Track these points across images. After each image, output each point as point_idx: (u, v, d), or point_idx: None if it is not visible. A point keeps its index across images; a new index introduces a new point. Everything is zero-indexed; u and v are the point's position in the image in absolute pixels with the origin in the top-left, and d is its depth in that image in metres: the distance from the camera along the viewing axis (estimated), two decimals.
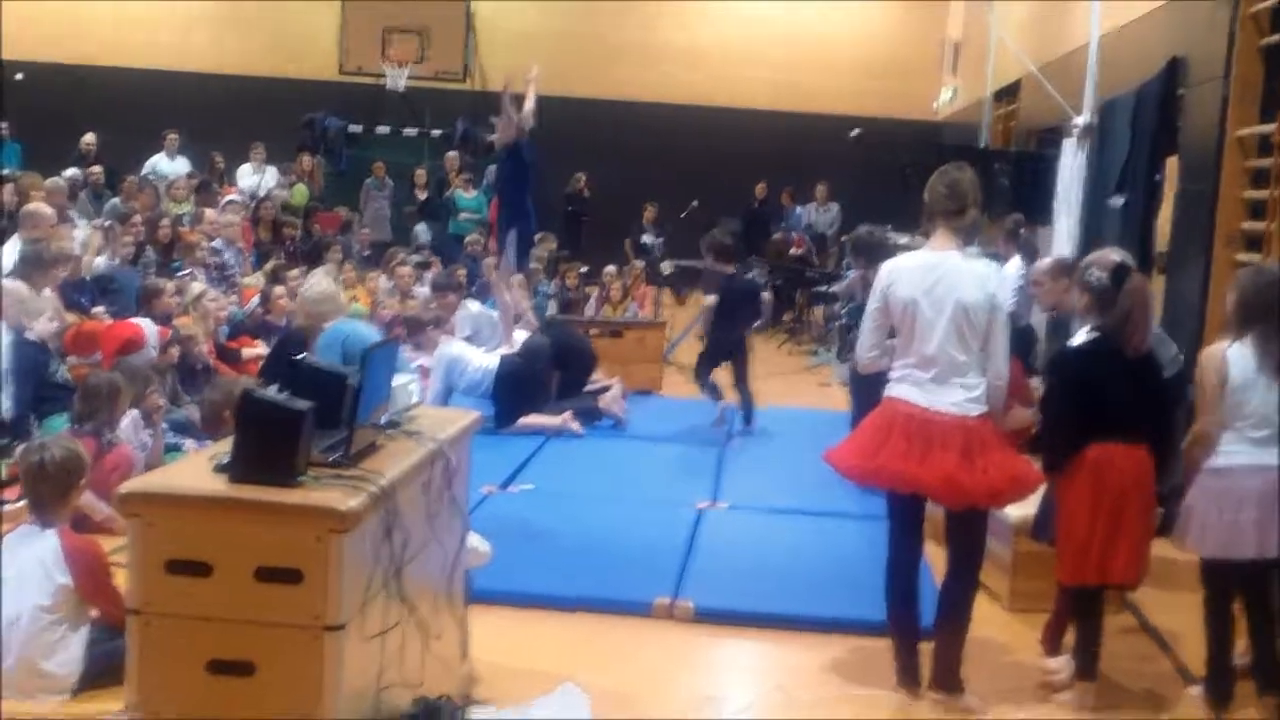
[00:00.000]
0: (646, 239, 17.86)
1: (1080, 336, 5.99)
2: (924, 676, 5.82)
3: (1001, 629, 6.73)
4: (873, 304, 5.82)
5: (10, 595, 5.40)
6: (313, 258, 15.09)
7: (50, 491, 5.56)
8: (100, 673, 5.46)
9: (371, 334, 8.35)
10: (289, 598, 3.91)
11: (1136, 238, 9.75)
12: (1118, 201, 10.34)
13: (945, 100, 21.40)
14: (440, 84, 22.23)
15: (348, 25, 22.27)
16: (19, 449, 8.02)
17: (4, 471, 7.93)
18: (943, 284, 5.63)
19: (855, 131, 22.07)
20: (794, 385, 14.45)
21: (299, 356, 8.86)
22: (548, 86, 21.15)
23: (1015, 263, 10.60)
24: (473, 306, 11.26)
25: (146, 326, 9.40)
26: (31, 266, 9.40)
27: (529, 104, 10.78)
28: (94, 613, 5.53)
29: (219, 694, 3.95)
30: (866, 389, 7.72)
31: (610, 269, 15.86)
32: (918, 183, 16.73)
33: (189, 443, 8.79)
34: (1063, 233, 11.91)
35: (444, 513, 4.85)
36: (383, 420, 4.71)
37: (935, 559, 6.80)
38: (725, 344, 11.15)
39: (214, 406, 7.73)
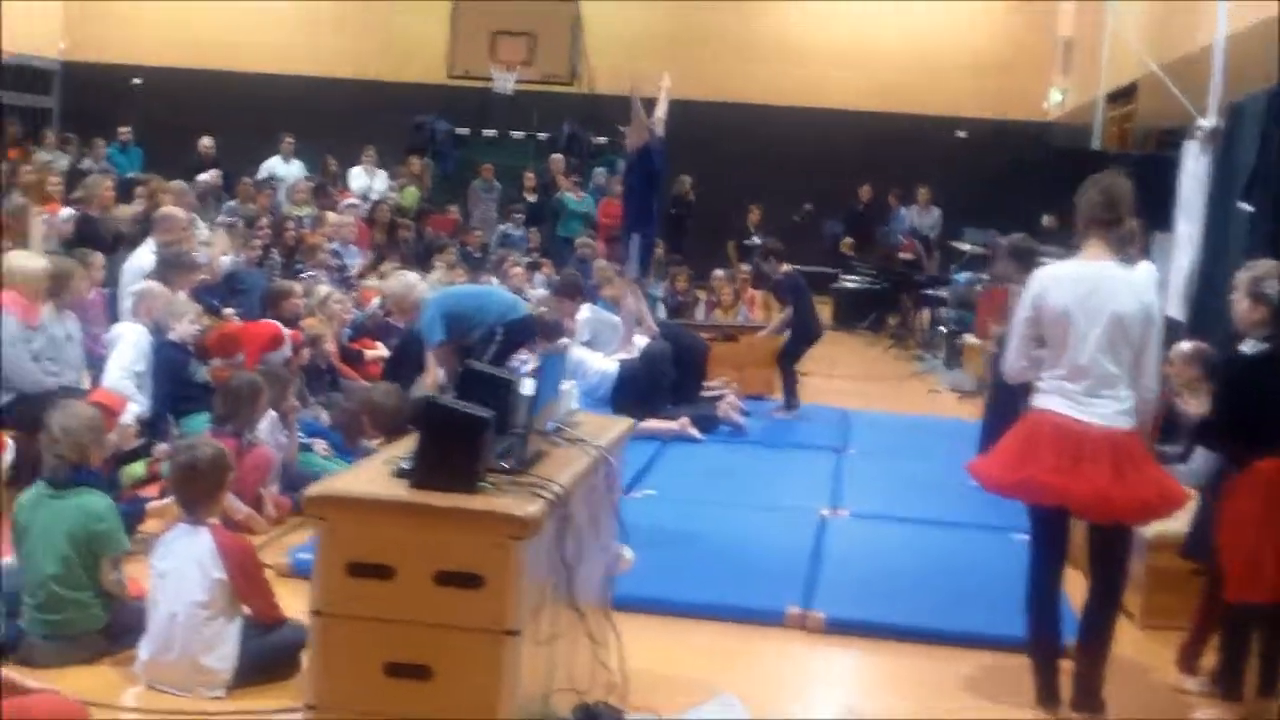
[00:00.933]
0: (754, 241, 17.85)
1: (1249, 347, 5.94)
2: (1063, 696, 5.76)
3: (1135, 646, 6.67)
4: (1023, 313, 5.80)
5: (169, 591, 5.56)
6: (426, 259, 15.28)
7: (200, 490, 5.73)
8: (253, 668, 5.63)
9: (467, 291, 8.48)
10: (469, 602, 4.00)
11: (1266, 246, 9.60)
12: (1246, 208, 10.20)
13: (1055, 101, 21.19)
14: (547, 87, 22.34)
15: (457, 28, 22.42)
16: (158, 448, 8.23)
17: (144, 470, 8.11)
18: (1098, 294, 5.59)
19: (961, 133, 21.96)
20: (901, 391, 14.42)
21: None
22: (651, 88, 21.43)
23: (1145, 268, 10.50)
24: (590, 312, 11.33)
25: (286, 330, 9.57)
26: (171, 269, 9.60)
27: (660, 110, 10.84)
28: (245, 609, 5.70)
29: (396, 696, 4.05)
30: (1006, 399, 7.70)
31: (719, 273, 15.90)
32: (1032, 189, 16.72)
33: (320, 443, 8.94)
34: (1184, 238, 11.77)
35: (604, 519, 4.92)
36: (548, 426, 4.79)
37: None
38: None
39: (352, 414, 7.84)
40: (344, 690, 4.08)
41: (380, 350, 11.56)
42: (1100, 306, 5.58)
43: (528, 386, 4.74)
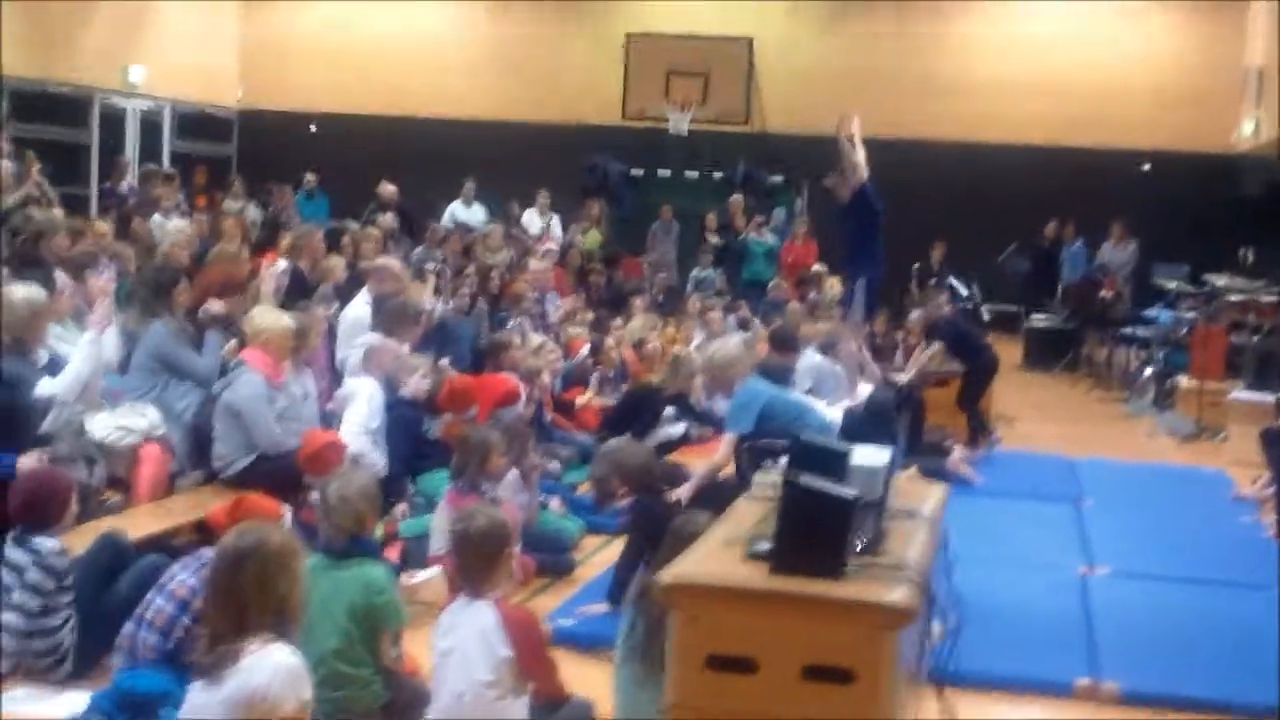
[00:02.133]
0: (954, 282, 17.44)
1: None
2: None
3: None
4: None
5: (454, 670, 5.36)
6: (616, 305, 15.12)
7: (477, 561, 5.51)
8: None
9: (793, 399, 8.26)
10: (839, 698, 3.75)
11: None
12: None
13: (1248, 133, 20.50)
14: (721, 126, 22.17)
15: (630, 68, 22.36)
16: (396, 508, 8.11)
17: (382, 531, 7.97)
18: None
19: (1145, 166, 21.36)
20: (1114, 435, 13.90)
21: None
22: (824, 124, 21.14)
23: None
24: (815, 357, 11.04)
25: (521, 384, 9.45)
26: (395, 321, 9.51)
27: (860, 152, 10.58)
28: (531, 687, 5.48)
29: None
30: None
31: (915, 314, 15.51)
32: (1228, 223, 16.17)
33: (554, 500, 8.77)
34: None
35: (940, 594, 4.64)
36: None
37: None
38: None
39: (602, 481, 7.63)
40: None
41: (588, 397, 11.41)
42: None
43: (875, 458, 4.49)
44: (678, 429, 10.59)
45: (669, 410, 10.80)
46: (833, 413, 10.41)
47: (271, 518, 5.95)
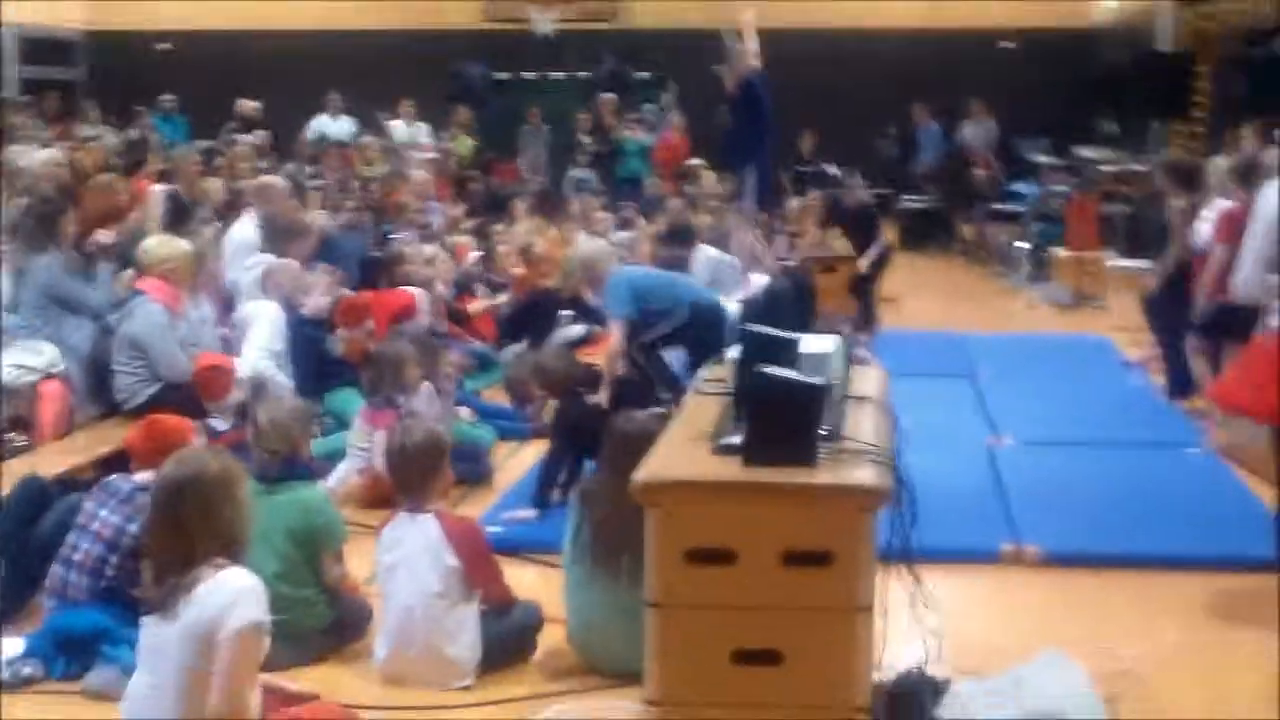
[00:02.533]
0: (830, 170, 17.50)
1: None
2: None
3: None
4: (1259, 227, 5.57)
5: (402, 584, 5.36)
6: (495, 210, 15.00)
7: (415, 474, 5.52)
8: (495, 654, 5.43)
9: (658, 273, 8.29)
10: (819, 581, 3.78)
11: None
12: None
13: (1108, 6, 20.76)
14: (585, 25, 21.90)
15: None
16: None
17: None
18: None
19: (1006, 44, 21.56)
20: (995, 309, 14.18)
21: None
22: (685, 19, 21.03)
23: None
24: (710, 251, 11.04)
25: (418, 295, 9.34)
26: (283, 239, 9.34)
27: (750, 43, 10.53)
28: (479, 594, 5.48)
29: (744, 684, 3.85)
30: (1170, 317, 7.53)
31: (795, 203, 15.60)
32: (1087, 95, 16.43)
33: (462, 409, 8.72)
34: None
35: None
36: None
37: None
38: None
39: (517, 382, 7.63)
40: (689, 683, 3.87)
41: (480, 305, 11.33)
42: None
43: (823, 344, 4.52)
44: (576, 330, 10.56)
45: (566, 312, 10.77)
46: (728, 305, 10.48)
47: (184, 432, 5.83)
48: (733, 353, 4.69)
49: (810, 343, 4.57)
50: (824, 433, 4.01)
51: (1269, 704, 5.10)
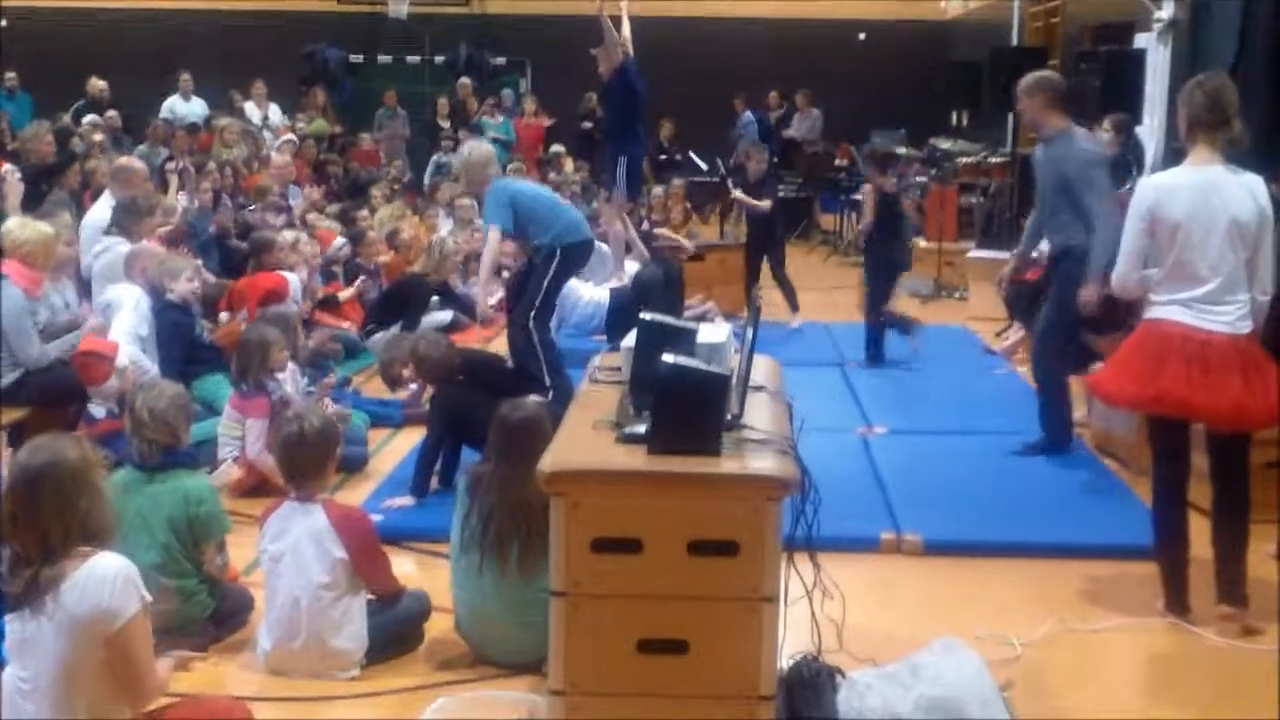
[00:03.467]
0: (694, 158, 17.57)
1: None
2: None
3: None
4: (1135, 224, 5.68)
5: (287, 574, 5.26)
6: (355, 194, 14.80)
7: (309, 462, 5.42)
8: (382, 645, 5.36)
9: (543, 193, 8.57)
10: (725, 571, 3.80)
11: (1258, 138, 9.63)
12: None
13: (958, 1, 21.13)
14: (440, 9, 21.72)
15: None
16: None
17: None
18: (1214, 201, 5.51)
19: (862, 36, 21.87)
20: (857, 299, 14.28)
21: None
22: (540, 5, 20.97)
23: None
24: None
25: (291, 278, 9.18)
26: (130, 218, 9.09)
27: (625, 28, 10.51)
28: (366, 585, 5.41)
29: (650, 673, 3.86)
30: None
31: (658, 190, 15.64)
32: (942, 88, 16.79)
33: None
34: (1147, 132, 11.82)
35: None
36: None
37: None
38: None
39: (391, 364, 7.55)
40: (594, 672, 3.86)
41: (351, 291, 11.19)
42: (1217, 213, 5.51)
43: (718, 334, 4.53)
44: (444, 316, 10.48)
45: (435, 298, 10.69)
46: (599, 293, 10.50)
47: None
48: (629, 340, 4.67)
49: (706, 332, 4.58)
50: (727, 421, 4.02)
51: (1152, 690, 5.26)
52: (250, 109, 18.50)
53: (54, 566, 3.89)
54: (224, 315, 8.64)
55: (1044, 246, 10.66)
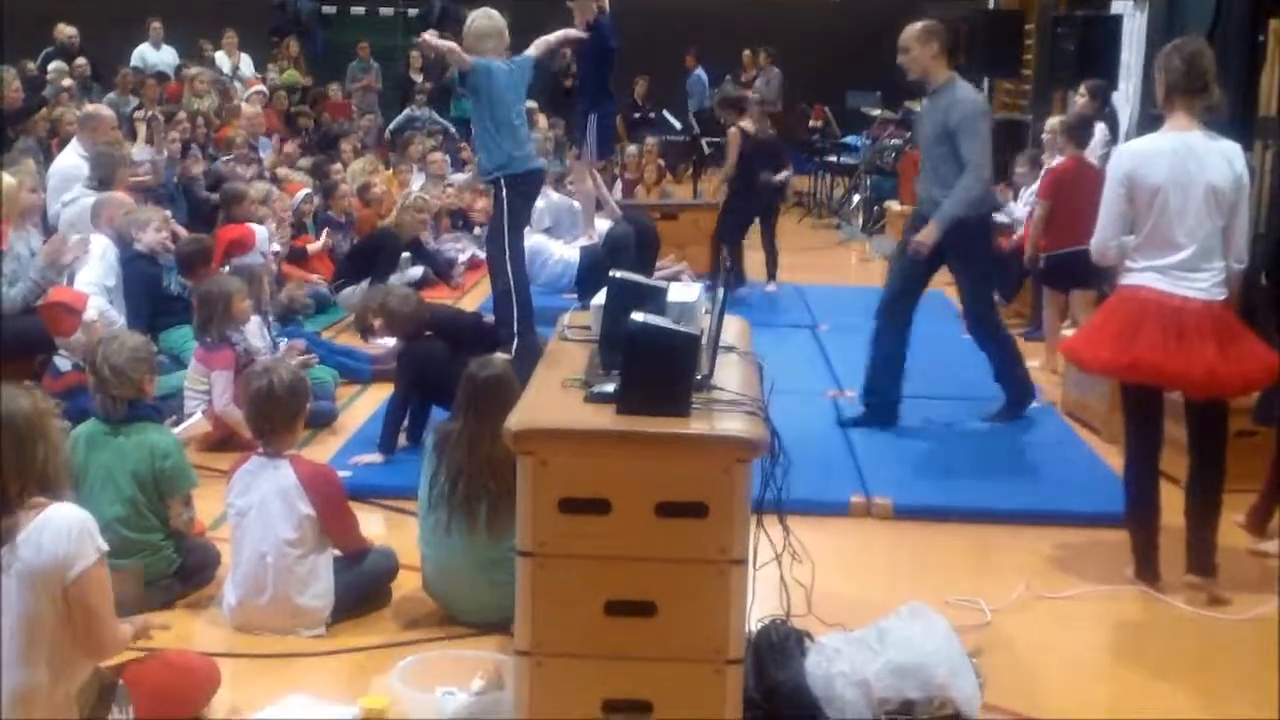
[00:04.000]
0: (668, 116, 17.49)
1: None
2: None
3: None
4: (1114, 190, 5.65)
5: (254, 530, 5.22)
6: (326, 147, 14.67)
7: (280, 417, 5.36)
8: (349, 602, 5.33)
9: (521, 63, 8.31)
10: (693, 532, 3.76)
11: (1235, 105, 9.62)
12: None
13: None
14: None
15: None
16: None
17: None
18: (1191, 167, 5.48)
19: None
20: (833, 262, 14.31)
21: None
22: None
23: (1100, 131, 10.51)
24: (552, 195, 10.92)
25: (258, 230, 9.09)
26: (107, 169, 9.00)
27: None
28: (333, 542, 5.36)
29: (618, 634, 3.82)
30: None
31: (633, 149, 15.56)
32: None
33: (298, 344, 8.53)
34: (1122, 98, 11.80)
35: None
36: None
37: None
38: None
39: (363, 313, 7.49)
40: (561, 633, 3.81)
41: (319, 245, 11.10)
42: (1194, 179, 5.48)
43: (689, 293, 4.49)
44: (415, 271, 10.40)
45: (405, 255, 10.61)
46: (569, 251, 10.43)
47: None
48: (599, 299, 4.62)
49: (676, 290, 4.54)
50: (697, 382, 3.98)
51: (1120, 657, 5.26)
52: (221, 59, 18.28)
53: (10, 517, 3.84)
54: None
55: (1017, 212, 10.72)
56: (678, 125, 17.02)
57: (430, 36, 8.58)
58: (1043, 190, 9.58)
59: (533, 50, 8.69)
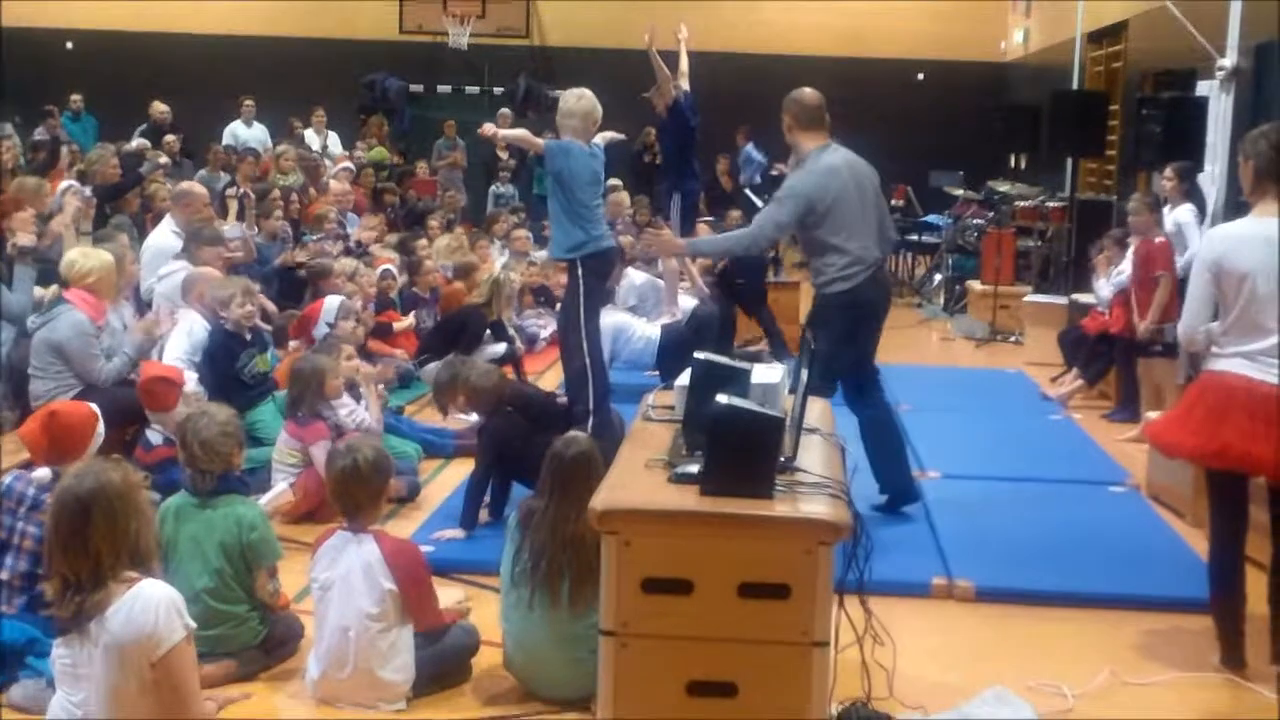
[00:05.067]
0: (751, 197, 17.60)
1: None
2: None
3: None
4: (1201, 275, 5.62)
5: (337, 604, 5.27)
6: (411, 224, 14.89)
7: (364, 494, 5.41)
8: (429, 678, 5.36)
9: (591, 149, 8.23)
10: (775, 614, 3.78)
11: None
12: None
13: (1018, 41, 21.10)
14: (500, 40, 21.89)
15: None
16: None
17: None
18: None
19: (920, 76, 21.89)
20: (913, 341, 14.26)
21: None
22: (595, 38, 21.06)
23: (1187, 210, 10.47)
24: (637, 276, 11.01)
25: (329, 300, 9.26)
26: (200, 246, 9.19)
27: (683, 63, 10.53)
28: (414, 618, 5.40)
29: (699, 715, 3.86)
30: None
31: (705, 224, 15.60)
32: (1000, 129, 16.72)
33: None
34: (1208, 179, 11.73)
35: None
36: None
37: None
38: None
39: (446, 389, 7.55)
40: (644, 712, 3.85)
41: (406, 322, 11.24)
42: None
43: (772, 375, 4.52)
44: (499, 348, 10.50)
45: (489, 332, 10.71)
46: (651, 329, 10.48)
47: (87, 419, 5.69)
48: (683, 379, 4.66)
49: (760, 372, 4.57)
50: (780, 464, 4.00)
51: None
52: (310, 136, 18.65)
53: (102, 591, 3.92)
54: (292, 344, 8.70)
55: (1104, 294, 10.67)
56: (759, 204, 17.04)
57: (489, 129, 8.59)
58: (1163, 263, 9.57)
59: (600, 140, 8.73)
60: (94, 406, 5.88)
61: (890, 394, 10.76)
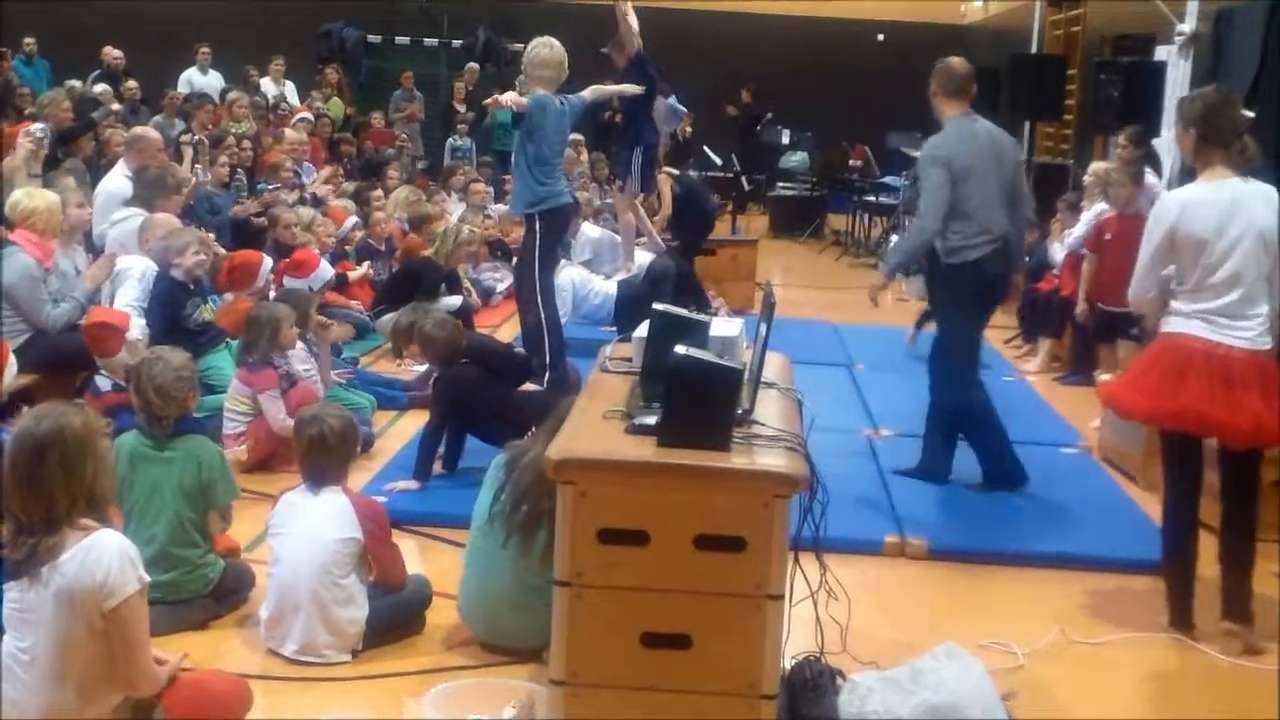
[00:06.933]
0: (708, 152, 17.56)
1: None
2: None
3: None
4: (1155, 239, 5.63)
5: (293, 552, 5.23)
6: (369, 174, 14.76)
7: (331, 462, 5.38)
8: (382, 629, 5.34)
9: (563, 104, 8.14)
10: (731, 567, 3.77)
11: (1272, 153, 9.60)
12: (1248, 115, 10.19)
13: (978, 5, 21.10)
14: None
15: None
16: None
17: None
18: (1237, 215, 5.47)
19: (880, 37, 21.87)
20: (868, 301, 14.19)
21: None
22: None
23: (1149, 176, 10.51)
24: (593, 230, 10.97)
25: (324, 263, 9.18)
26: (153, 192, 9.06)
27: (632, 21, 10.45)
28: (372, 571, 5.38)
29: (653, 667, 3.83)
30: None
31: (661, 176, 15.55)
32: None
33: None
34: (1166, 144, 11.77)
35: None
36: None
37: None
38: None
39: (401, 337, 7.51)
40: (597, 663, 3.83)
41: (360, 271, 11.16)
42: (1239, 227, 5.46)
43: (731, 328, 4.50)
44: (453, 300, 10.44)
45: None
46: (608, 285, 10.45)
47: None
48: (641, 330, 4.64)
49: (719, 325, 4.55)
50: (738, 416, 3.99)
51: (1154, 704, 5.23)
52: (267, 85, 18.43)
53: (56, 536, 3.86)
54: (227, 294, 8.60)
55: (1056, 256, 10.70)
56: (718, 160, 17.06)
57: (498, 98, 8.47)
58: (1089, 241, 9.57)
59: (588, 94, 8.70)
60: None
61: (846, 354, 10.90)
